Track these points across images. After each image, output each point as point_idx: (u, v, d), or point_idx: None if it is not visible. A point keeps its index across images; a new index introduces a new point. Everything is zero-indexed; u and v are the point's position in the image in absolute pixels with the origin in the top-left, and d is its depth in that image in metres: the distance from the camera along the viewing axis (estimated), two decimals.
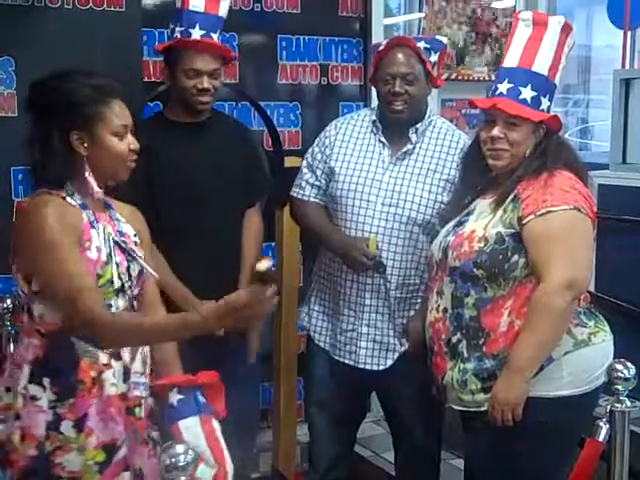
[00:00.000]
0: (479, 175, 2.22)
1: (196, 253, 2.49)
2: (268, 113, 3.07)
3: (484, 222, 2.11)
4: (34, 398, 1.80)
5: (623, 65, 4.20)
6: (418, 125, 2.57)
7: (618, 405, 2.09)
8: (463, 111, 3.85)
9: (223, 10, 2.57)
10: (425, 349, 2.29)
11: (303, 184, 2.67)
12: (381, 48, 2.57)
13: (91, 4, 2.83)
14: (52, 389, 1.80)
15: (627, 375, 2.09)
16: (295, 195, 2.68)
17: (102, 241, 1.84)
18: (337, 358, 2.64)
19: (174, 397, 1.85)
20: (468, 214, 2.19)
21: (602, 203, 3.92)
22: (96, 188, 1.84)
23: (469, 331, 2.10)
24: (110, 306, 1.82)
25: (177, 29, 2.51)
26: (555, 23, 2.16)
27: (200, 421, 1.84)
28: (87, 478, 1.81)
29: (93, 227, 1.84)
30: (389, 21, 4.00)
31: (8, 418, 1.82)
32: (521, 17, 2.19)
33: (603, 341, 2.14)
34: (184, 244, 2.47)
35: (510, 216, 2.07)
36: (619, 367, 2.10)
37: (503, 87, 2.15)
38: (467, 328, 2.10)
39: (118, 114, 1.85)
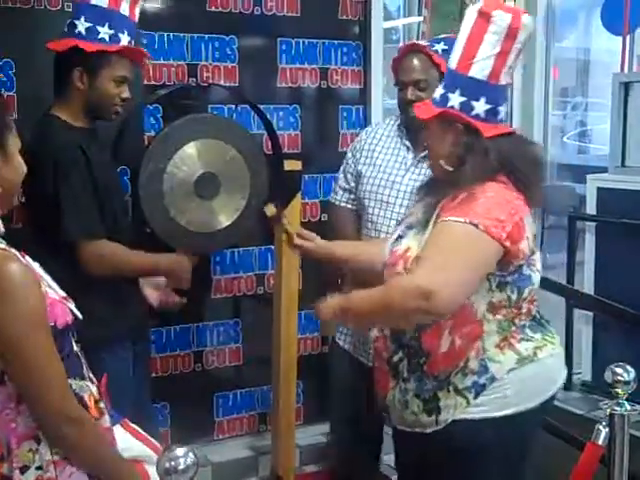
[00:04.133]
0: (431, 183, 2.10)
1: None
2: (268, 116, 3.07)
3: (419, 239, 1.94)
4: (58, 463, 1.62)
5: (622, 69, 4.21)
6: None
7: (618, 409, 2.09)
8: None
9: (137, 16, 2.49)
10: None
11: (337, 188, 2.80)
12: (396, 55, 2.60)
13: None
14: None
15: (627, 378, 2.09)
16: (330, 199, 2.86)
17: (42, 273, 1.66)
18: (357, 357, 2.68)
19: None
20: (409, 227, 2.04)
21: (600, 206, 3.95)
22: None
23: (410, 350, 1.97)
24: (73, 334, 1.69)
25: (103, 30, 2.35)
26: (469, 12, 1.92)
27: (122, 427, 1.79)
28: None
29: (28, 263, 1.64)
30: (388, 24, 4.01)
31: None
32: (469, 11, 1.94)
33: (551, 356, 1.98)
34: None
35: None
36: (619, 370, 2.09)
37: (437, 92, 1.99)
38: (408, 347, 1.98)
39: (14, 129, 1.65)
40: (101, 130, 2.53)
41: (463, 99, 1.90)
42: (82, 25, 2.35)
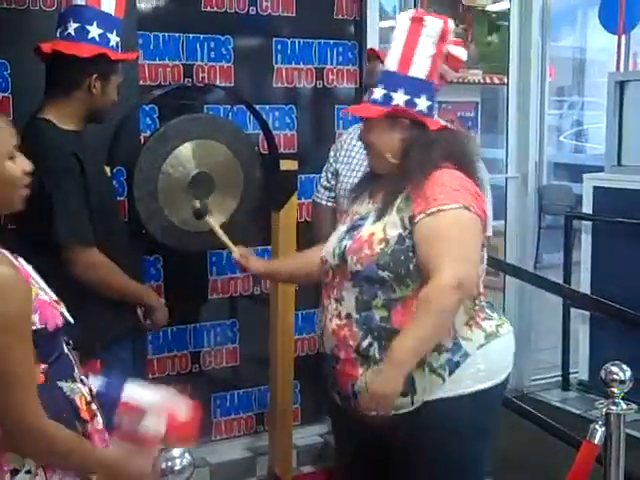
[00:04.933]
0: (371, 177, 2.21)
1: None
2: (263, 116, 3.07)
3: (381, 224, 2.05)
4: (47, 468, 1.59)
5: (617, 68, 4.22)
6: None
7: (613, 408, 2.09)
8: (458, 114, 3.86)
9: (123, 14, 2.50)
10: None
11: (319, 187, 2.89)
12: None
13: None
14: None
15: (622, 378, 2.10)
16: (313, 197, 2.94)
17: (35, 275, 1.65)
18: None
19: (97, 384, 1.72)
20: (362, 218, 2.12)
21: (597, 205, 3.95)
22: None
23: (380, 333, 2.02)
24: (63, 336, 1.67)
25: (112, 37, 2.36)
26: (403, 17, 2.11)
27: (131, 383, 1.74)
28: None
29: (21, 264, 1.63)
30: (384, 24, 4.00)
31: None
32: (401, 15, 2.14)
33: (508, 332, 2.12)
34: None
35: (403, 215, 2.02)
36: (614, 369, 2.10)
37: (377, 93, 2.10)
38: (378, 330, 2.03)
39: (11, 133, 1.61)
40: (97, 131, 2.53)
41: (407, 97, 2.05)
42: (95, 31, 2.35)
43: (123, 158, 2.80)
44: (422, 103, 2.06)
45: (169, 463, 1.50)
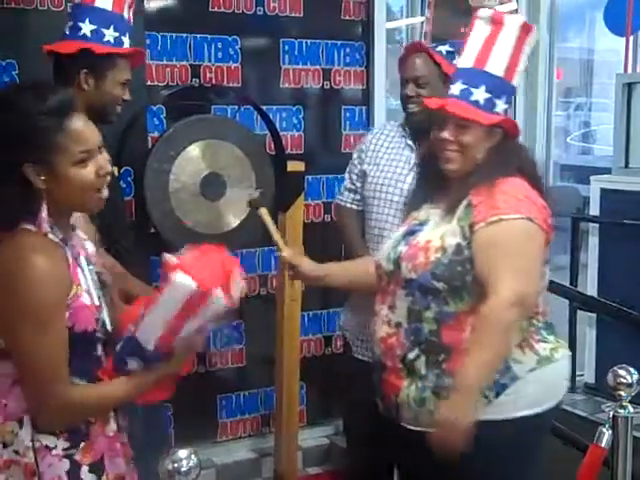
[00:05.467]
0: (434, 180, 2.11)
1: None
2: (271, 117, 3.07)
3: (440, 231, 1.97)
4: (49, 447, 1.64)
5: (625, 69, 4.20)
6: None
7: (621, 411, 2.08)
8: None
9: (132, 20, 2.48)
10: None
11: (342, 189, 2.82)
12: (400, 54, 2.66)
13: None
14: (63, 435, 1.65)
15: (630, 381, 2.09)
16: (336, 200, 2.86)
17: (89, 280, 1.67)
18: (357, 356, 2.68)
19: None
20: (421, 224, 2.06)
21: (604, 207, 3.94)
22: (46, 227, 1.57)
23: (428, 347, 1.94)
24: (99, 339, 1.69)
25: (109, 33, 2.34)
26: (513, 22, 2.03)
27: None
28: None
29: (78, 265, 1.66)
30: (391, 25, 4.00)
31: (12, 475, 1.64)
32: (480, 15, 2.06)
33: (563, 357, 2.02)
34: None
35: (464, 224, 1.94)
36: (622, 373, 2.09)
37: (456, 88, 2.02)
38: (426, 343, 1.96)
39: (78, 138, 1.58)
40: (105, 131, 2.53)
41: (506, 106, 2.03)
42: (87, 27, 2.34)
43: (130, 158, 2.80)
44: (501, 105, 2.01)
45: (175, 464, 1.49)
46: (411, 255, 1.98)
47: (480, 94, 1.99)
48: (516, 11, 4.06)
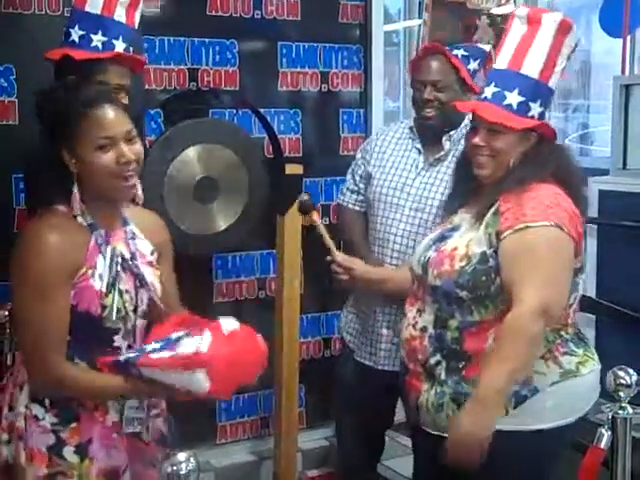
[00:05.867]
0: (468, 185, 2.08)
1: None
2: (268, 120, 3.07)
3: (467, 238, 1.95)
4: (37, 418, 1.74)
5: (623, 71, 4.20)
6: (452, 132, 2.60)
7: (620, 412, 2.08)
8: None
9: (137, 22, 2.45)
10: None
11: (344, 190, 2.83)
12: (415, 56, 2.62)
13: None
14: (52, 410, 1.74)
15: (629, 382, 2.08)
16: (338, 201, 2.87)
17: (107, 267, 1.74)
18: (358, 359, 2.68)
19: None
20: (452, 229, 2.04)
21: (602, 208, 3.94)
22: (77, 209, 1.72)
23: (450, 353, 1.94)
24: (119, 330, 1.77)
25: (96, 38, 2.31)
26: (550, 21, 1.96)
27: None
28: None
29: (100, 251, 1.74)
30: (389, 27, 4.01)
31: (12, 438, 1.76)
32: (517, 14, 2.00)
33: (591, 372, 2.01)
34: None
35: (491, 232, 1.91)
36: (621, 374, 2.08)
37: (489, 91, 1.98)
38: (448, 350, 1.94)
39: (102, 124, 1.69)
40: None
41: (542, 109, 1.96)
42: (76, 34, 2.32)
43: None
44: (535, 108, 1.95)
45: (174, 468, 1.49)
46: (437, 262, 1.97)
47: (513, 97, 1.94)
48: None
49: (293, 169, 2.97)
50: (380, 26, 3.47)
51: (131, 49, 2.44)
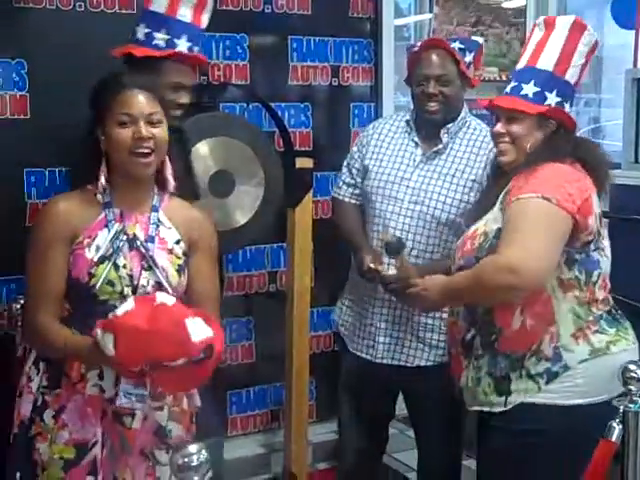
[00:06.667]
0: (500, 174, 2.19)
1: None
2: (279, 114, 3.07)
3: (485, 219, 2.09)
4: (30, 379, 1.86)
5: (635, 65, 4.18)
6: (450, 125, 2.60)
7: (631, 405, 2.07)
8: (474, 111, 3.84)
9: (205, 22, 2.51)
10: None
11: (340, 183, 2.80)
12: (415, 49, 2.61)
13: (103, 7, 2.84)
14: (45, 374, 1.85)
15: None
16: (333, 195, 2.84)
17: (107, 241, 1.84)
18: (356, 353, 2.68)
19: None
20: (480, 219, 2.17)
21: (614, 203, 3.92)
22: (99, 186, 1.87)
23: (482, 326, 2.07)
24: (115, 307, 1.79)
25: (160, 36, 2.38)
26: (563, 22, 2.14)
27: None
28: (51, 472, 1.82)
29: (107, 226, 1.86)
30: (400, 22, 3.99)
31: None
32: (537, 22, 2.20)
33: (624, 350, 2.08)
34: None
35: (502, 208, 2.04)
36: (632, 367, 2.07)
37: (508, 87, 2.16)
38: (481, 323, 2.07)
39: (125, 103, 1.86)
40: None
41: (559, 99, 2.09)
42: (141, 31, 2.39)
43: None
44: (552, 98, 2.09)
45: (186, 460, 1.50)
46: (461, 244, 2.13)
47: (529, 88, 2.08)
48: (524, 8, 4.05)
49: (303, 163, 2.97)
50: (391, 20, 3.47)
51: (196, 48, 2.45)
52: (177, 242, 1.94)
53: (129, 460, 1.87)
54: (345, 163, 2.81)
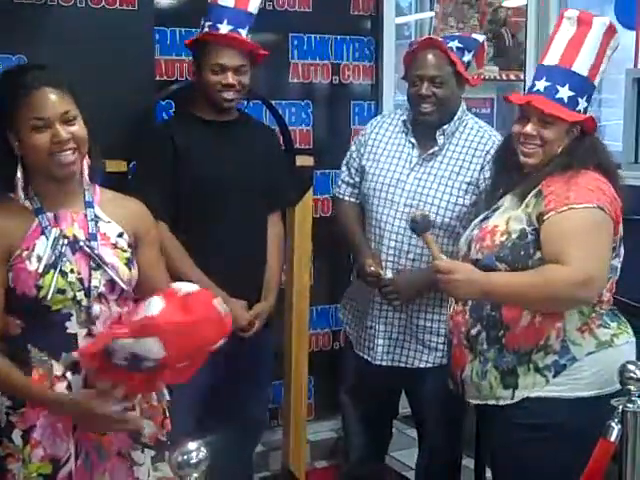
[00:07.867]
0: (511, 172, 2.19)
1: (214, 253, 2.48)
2: (279, 112, 3.07)
3: (506, 216, 2.08)
4: None
5: (635, 64, 4.18)
6: (445, 126, 2.58)
7: (630, 405, 2.07)
8: (474, 110, 3.84)
9: (253, 6, 2.58)
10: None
11: (340, 182, 2.79)
12: (411, 49, 2.59)
13: (104, 3, 2.83)
14: (6, 394, 1.76)
15: (639, 375, 2.08)
16: (334, 193, 2.83)
17: (48, 249, 1.74)
18: (359, 353, 2.69)
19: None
20: (495, 210, 2.17)
21: None
22: (20, 193, 1.76)
23: (489, 323, 2.07)
24: (71, 315, 1.76)
25: (207, 24, 2.52)
26: (599, 23, 2.11)
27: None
28: None
29: (43, 233, 1.76)
30: (400, 20, 4.00)
31: None
32: (566, 15, 2.14)
33: (626, 343, 2.12)
34: (203, 244, 2.46)
35: (532, 211, 2.03)
36: (631, 367, 2.07)
37: (540, 85, 2.11)
38: (487, 319, 2.07)
39: (36, 106, 1.72)
40: (114, 125, 2.54)
41: (586, 104, 2.11)
42: (204, 24, 2.55)
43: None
44: (582, 104, 2.09)
45: (185, 457, 1.49)
46: (480, 238, 2.10)
47: (564, 92, 2.07)
48: (526, 7, 4.05)
49: (304, 160, 2.97)
50: (392, 18, 3.47)
51: (241, 31, 2.51)
52: (120, 235, 1.85)
53: (107, 465, 1.82)
54: (344, 162, 2.80)
